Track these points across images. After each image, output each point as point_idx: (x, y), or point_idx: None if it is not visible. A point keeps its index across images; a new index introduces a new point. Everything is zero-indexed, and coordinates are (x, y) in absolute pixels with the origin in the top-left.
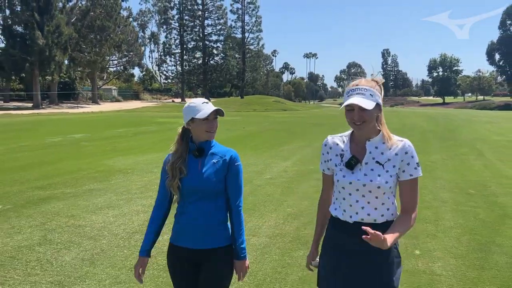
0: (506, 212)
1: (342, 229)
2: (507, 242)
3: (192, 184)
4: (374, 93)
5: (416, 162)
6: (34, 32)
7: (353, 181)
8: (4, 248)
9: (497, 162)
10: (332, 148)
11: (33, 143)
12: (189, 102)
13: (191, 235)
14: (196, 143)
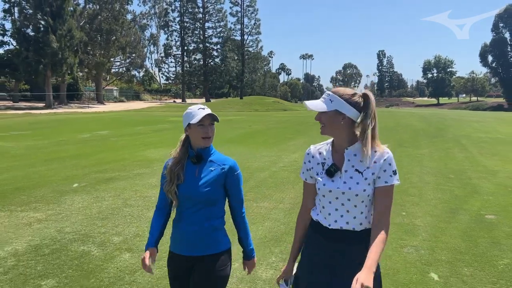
0: (475, 190)
1: (322, 232)
2: (471, 208)
3: (188, 191)
4: (335, 99)
5: (392, 170)
6: (48, 36)
7: (333, 189)
8: (100, 209)
9: (477, 155)
10: (314, 157)
11: (68, 138)
12: (187, 109)
13: (186, 242)
14: (195, 150)
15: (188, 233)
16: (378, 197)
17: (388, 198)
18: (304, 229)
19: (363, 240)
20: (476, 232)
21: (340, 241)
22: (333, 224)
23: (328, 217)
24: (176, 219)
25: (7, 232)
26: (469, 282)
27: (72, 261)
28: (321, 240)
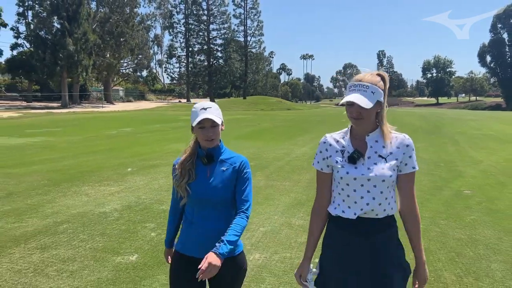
0: (460, 174)
1: (344, 226)
2: (453, 186)
3: (199, 193)
4: (376, 91)
5: (415, 156)
6: (65, 39)
7: (358, 176)
8: (159, 185)
9: (468, 149)
10: (331, 145)
11: (97, 134)
12: (193, 106)
13: (199, 244)
14: (205, 150)
15: (202, 235)
16: (405, 183)
17: (413, 183)
18: (322, 227)
19: (386, 227)
20: (454, 201)
21: (364, 232)
22: (358, 212)
23: (353, 205)
24: (189, 220)
25: (99, 198)
26: (443, 228)
27: (159, 214)
28: (344, 235)
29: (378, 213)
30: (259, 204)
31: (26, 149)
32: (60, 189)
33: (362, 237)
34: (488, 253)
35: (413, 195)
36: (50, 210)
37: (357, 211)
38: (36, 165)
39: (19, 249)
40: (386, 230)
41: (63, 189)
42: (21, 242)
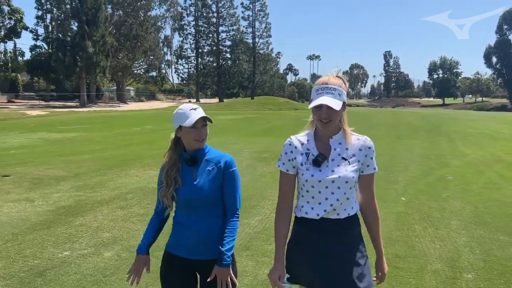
0: (446, 164)
1: (309, 227)
2: (438, 173)
3: (187, 195)
4: (342, 93)
5: (374, 157)
6: (84, 42)
7: (322, 178)
8: None
9: (460, 145)
10: (296, 147)
11: (124, 131)
12: (177, 109)
13: (189, 245)
14: (189, 152)
15: (192, 236)
16: (366, 184)
17: (373, 183)
18: (287, 226)
19: (347, 227)
20: (436, 183)
21: (328, 231)
22: (321, 213)
23: (317, 206)
24: (178, 221)
25: (148, 178)
26: (422, 200)
27: None
28: (309, 235)
29: (339, 212)
30: (273, 184)
31: (70, 142)
32: (114, 171)
33: (325, 237)
34: (451, 216)
35: (373, 194)
36: (113, 185)
37: (320, 212)
38: (86, 155)
39: (105, 208)
40: (349, 230)
41: (116, 172)
42: (103, 204)
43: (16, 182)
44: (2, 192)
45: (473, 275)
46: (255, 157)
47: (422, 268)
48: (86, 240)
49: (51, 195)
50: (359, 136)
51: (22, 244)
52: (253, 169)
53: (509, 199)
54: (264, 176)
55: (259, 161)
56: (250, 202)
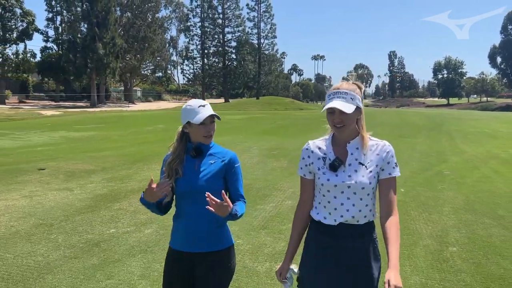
0: (445, 161)
1: (325, 231)
2: (437, 168)
3: (188, 185)
4: (354, 97)
5: (395, 162)
6: (95, 43)
7: (338, 183)
8: None
9: (459, 143)
10: (313, 152)
11: (137, 130)
12: (186, 104)
13: (189, 238)
14: (194, 143)
15: (190, 229)
16: (384, 189)
17: (392, 189)
18: (302, 228)
19: (366, 233)
20: (433, 177)
21: (344, 237)
22: (338, 219)
23: (333, 212)
24: (177, 214)
25: None
26: (418, 191)
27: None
28: (325, 239)
29: (358, 219)
30: (284, 178)
31: (90, 140)
32: (137, 166)
33: (341, 241)
34: (444, 203)
35: (391, 201)
36: (139, 177)
37: (337, 217)
38: (108, 151)
39: (137, 196)
40: (365, 237)
41: (139, 166)
42: (134, 193)
43: (52, 174)
44: (43, 183)
45: (457, 248)
46: (265, 154)
47: (414, 243)
48: (127, 220)
49: (86, 186)
50: (378, 141)
51: (74, 223)
52: (263, 164)
53: (499, 191)
54: (274, 171)
55: (268, 158)
56: (264, 192)
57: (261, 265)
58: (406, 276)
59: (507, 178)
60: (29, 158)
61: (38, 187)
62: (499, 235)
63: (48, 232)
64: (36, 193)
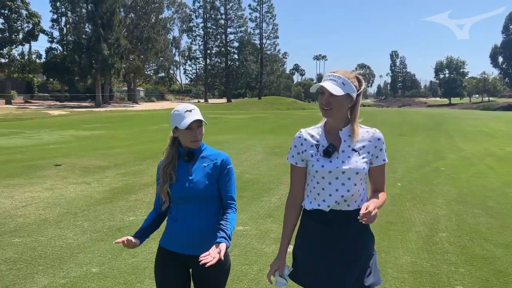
0: (442, 158)
1: (318, 219)
2: (434, 165)
3: (182, 190)
4: (347, 83)
5: (384, 148)
6: (100, 44)
7: (333, 169)
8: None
9: (457, 141)
10: (306, 139)
11: (143, 129)
12: (174, 109)
13: (183, 241)
14: (185, 148)
15: (186, 231)
16: (377, 175)
17: (383, 174)
18: (295, 220)
19: (356, 220)
20: (430, 173)
21: (338, 223)
22: (332, 205)
23: (328, 198)
24: (173, 217)
25: None
26: (414, 184)
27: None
28: (318, 228)
29: (349, 203)
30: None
31: (99, 139)
32: (147, 162)
33: (335, 228)
34: (437, 196)
35: (383, 185)
36: (151, 172)
37: (330, 203)
38: (118, 149)
39: (151, 189)
40: (358, 222)
41: (149, 162)
42: (148, 186)
43: (68, 170)
44: (61, 177)
45: (446, 234)
46: (268, 152)
47: (407, 229)
48: (145, 210)
49: (102, 180)
50: (368, 129)
51: (95, 212)
52: (267, 161)
53: (491, 185)
54: (278, 167)
55: (272, 155)
56: (268, 186)
57: (268, 247)
58: (398, 256)
59: (500, 174)
60: (44, 155)
61: (58, 181)
62: (485, 223)
63: (74, 220)
64: (56, 186)
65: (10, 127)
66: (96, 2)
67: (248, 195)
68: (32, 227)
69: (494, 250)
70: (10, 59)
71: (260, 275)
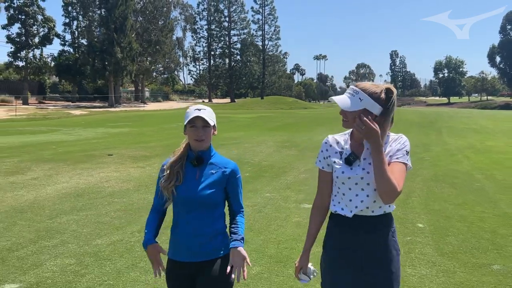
0: (428, 150)
1: (342, 223)
2: (419, 155)
3: (188, 194)
4: (365, 98)
5: (406, 151)
6: (113, 48)
7: (352, 175)
8: (260, 151)
9: (445, 137)
10: (332, 146)
11: (164, 127)
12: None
13: (187, 248)
14: (195, 152)
15: (190, 238)
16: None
17: (398, 172)
18: (320, 221)
19: (382, 225)
20: (415, 162)
21: (360, 229)
22: (354, 210)
23: (349, 203)
24: (175, 224)
25: None
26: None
27: (248, 163)
28: (342, 232)
29: (373, 209)
30: (297, 161)
31: (129, 135)
32: None
33: (358, 235)
34: (417, 176)
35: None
36: None
37: (352, 209)
38: (152, 143)
39: None
40: (383, 229)
41: None
42: None
43: (120, 158)
44: (118, 164)
45: (417, 198)
46: (278, 145)
47: None
48: None
49: (153, 164)
50: (394, 135)
51: None
52: (279, 152)
53: (462, 169)
54: (289, 156)
55: (282, 148)
56: (283, 169)
57: (289, 204)
58: None
59: (473, 162)
60: (94, 147)
61: (118, 166)
62: (448, 192)
63: (147, 188)
64: (119, 169)
65: (44, 125)
66: (109, 8)
67: (269, 175)
68: (121, 193)
69: (448, 206)
70: (28, 62)
71: (285, 222)
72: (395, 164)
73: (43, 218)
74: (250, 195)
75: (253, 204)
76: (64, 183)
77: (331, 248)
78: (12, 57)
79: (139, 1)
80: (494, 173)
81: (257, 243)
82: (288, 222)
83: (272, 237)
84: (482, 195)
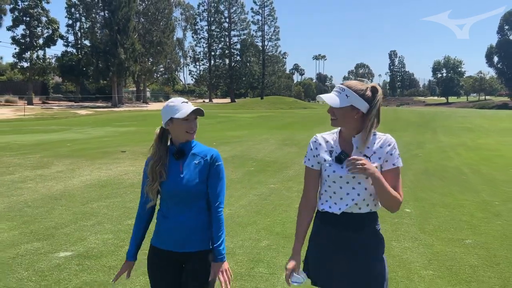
0: (422, 147)
1: (329, 221)
2: (413, 152)
3: (173, 188)
4: (352, 95)
5: (397, 153)
6: (117, 49)
7: (343, 174)
8: (244, 150)
9: (440, 136)
10: (321, 144)
11: None
12: (167, 102)
13: (174, 238)
14: (176, 145)
15: (178, 229)
16: (388, 179)
17: (397, 180)
18: (308, 221)
19: (368, 223)
20: (408, 158)
21: (349, 226)
22: (343, 208)
23: (339, 201)
24: (163, 215)
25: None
26: None
27: (254, 157)
28: (330, 230)
29: (361, 207)
30: (298, 157)
31: (137, 133)
32: None
33: (346, 232)
34: (409, 172)
35: (397, 188)
36: None
37: (342, 206)
38: None
39: None
40: (370, 226)
41: None
42: None
43: (134, 154)
44: (132, 159)
45: (406, 188)
46: (280, 143)
47: None
48: None
49: None
50: (381, 135)
51: None
52: (281, 149)
53: (452, 164)
54: (290, 153)
55: (283, 145)
56: (285, 164)
57: (292, 194)
58: None
59: (463, 158)
60: (107, 145)
61: (132, 161)
62: (436, 184)
63: None
64: (135, 164)
65: (54, 124)
66: (112, 10)
67: (272, 169)
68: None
69: (434, 195)
70: (32, 62)
71: (289, 208)
72: (392, 171)
73: (76, 204)
74: (256, 186)
75: (260, 193)
76: (87, 175)
77: (318, 245)
78: (17, 58)
79: (141, 3)
80: (481, 168)
81: (265, 223)
82: (291, 208)
83: (278, 219)
84: (466, 186)
